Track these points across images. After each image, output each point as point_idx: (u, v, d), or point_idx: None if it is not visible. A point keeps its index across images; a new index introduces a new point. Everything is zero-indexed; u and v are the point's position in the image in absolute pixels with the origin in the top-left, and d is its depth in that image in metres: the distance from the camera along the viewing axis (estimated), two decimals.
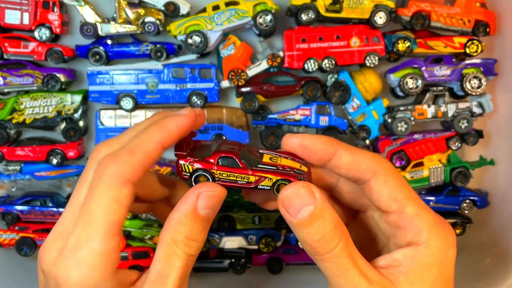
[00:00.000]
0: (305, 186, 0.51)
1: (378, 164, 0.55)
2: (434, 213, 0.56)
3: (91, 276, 0.48)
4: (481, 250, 1.11)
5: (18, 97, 1.05)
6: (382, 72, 1.11)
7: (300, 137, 0.56)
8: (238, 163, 0.54)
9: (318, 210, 0.50)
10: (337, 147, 0.55)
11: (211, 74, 1.07)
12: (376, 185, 0.54)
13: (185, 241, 0.52)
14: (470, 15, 1.06)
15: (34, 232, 1.08)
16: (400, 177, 0.56)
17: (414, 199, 0.55)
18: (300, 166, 0.55)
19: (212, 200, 0.52)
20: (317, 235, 0.50)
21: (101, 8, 1.07)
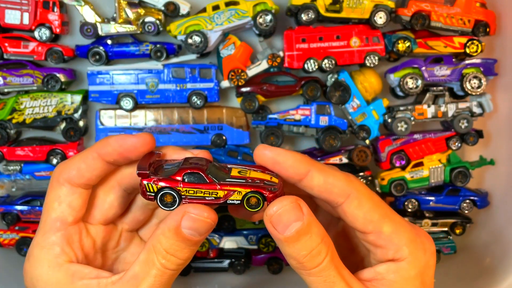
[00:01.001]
0: (293, 202, 0.51)
1: (351, 186, 0.54)
2: (410, 225, 0.56)
3: (36, 266, 0.55)
4: (481, 250, 1.11)
5: (18, 97, 1.05)
6: (382, 72, 1.11)
7: (273, 151, 0.54)
8: (205, 179, 0.52)
9: (306, 226, 0.50)
10: (310, 167, 0.54)
11: (211, 74, 1.07)
12: (350, 208, 0.54)
13: (163, 253, 0.52)
14: (470, 15, 1.06)
15: (34, 232, 1.08)
16: (374, 196, 0.55)
17: (389, 217, 0.55)
18: (270, 178, 0.53)
19: (196, 223, 0.51)
20: (305, 251, 0.50)
21: (101, 8, 1.07)
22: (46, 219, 0.57)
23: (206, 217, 0.51)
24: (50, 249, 0.56)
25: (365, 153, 1.09)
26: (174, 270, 0.53)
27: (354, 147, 1.10)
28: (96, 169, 0.57)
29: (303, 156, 0.55)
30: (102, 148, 0.56)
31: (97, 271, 0.56)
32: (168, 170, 0.54)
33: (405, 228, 0.55)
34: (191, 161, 0.54)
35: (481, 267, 1.06)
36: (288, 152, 0.55)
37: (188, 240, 0.52)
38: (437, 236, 1.13)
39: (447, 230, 1.13)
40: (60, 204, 0.57)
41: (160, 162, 0.56)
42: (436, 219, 1.13)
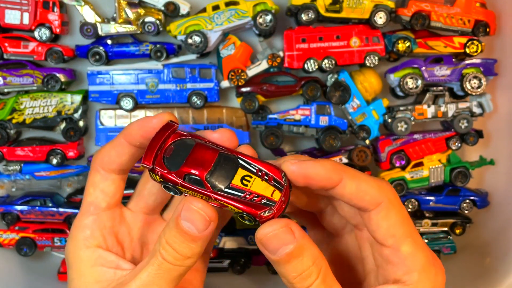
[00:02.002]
0: (284, 226, 0.49)
1: (383, 196, 0.52)
2: (429, 252, 0.55)
3: (69, 243, 0.58)
4: (481, 250, 1.11)
5: (18, 97, 1.05)
6: (382, 72, 1.11)
7: (301, 167, 0.52)
8: (203, 184, 0.50)
9: (297, 249, 0.49)
10: (342, 175, 0.52)
11: (211, 74, 1.07)
12: (376, 217, 0.53)
13: (164, 243, 0.52)
14: (470, 15, 1.06)
15: (34, 232, 1.08)
16: (403, 211, 0.54)
17: (412, 236, 0.53)
18: (271, 194, 0.51)
19: (193, 215, 0.50)
20: (295, 272, 0.50)
21: (101, 8, 1.07)
22: (84, 202, 0.59)
23: (205, 212, 0.51)
24: (81, 231, 0.58)
25: (365, 153, 1.09)
26: (172, 265, 0.52)
27: (354, 147, 1.10)
28: (125, 154, 0.57)
29: (333, 164, 0.53)
30: (127, 132, 0.57)
31: (119, 261, 0.57)
32: (176, 158, 0.52)
33: (423, 254, 0.53)
34: (205, 146, 0.53)
35: (481, 267, 1.06)
36: (317, 163, 0.52)
37: (185, 234, 0.51)
38: (437, 236, 1.13)
39: (447, 230, 1.13)
40: (95, 189, 0.58)
41: (178, 135, 0.54)
42: (436, 219, 1.13)
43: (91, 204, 0.58)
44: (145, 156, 0.52)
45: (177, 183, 0.51)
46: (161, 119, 0.55)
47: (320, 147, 1.09)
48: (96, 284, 0.56)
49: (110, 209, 0.59)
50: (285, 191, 0.52)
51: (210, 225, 0.51)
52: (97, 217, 0.58)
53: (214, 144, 0.54)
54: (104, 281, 0.56)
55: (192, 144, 0.53)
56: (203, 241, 0.52)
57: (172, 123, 0.54)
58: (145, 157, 0.52)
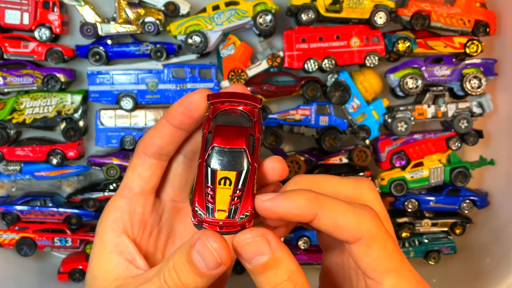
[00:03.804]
0: (259, 236, 0.48)
1: (363, 230, 0.49)
2: (417, 283, 0.52)
3: (98, 225, 0.58)
4: (481, 250, 1.11)
5: (18, 97, 1.05)
6: (382, 72, 1.11)
7: (272, 203, 0.49)
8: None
9: (271, 261, 0.48)
10: (317, 210, 0.49)
11: (211, 74, 1.07)
12: (357, 251, 0.50)
13: (170, 266, 0.50)
14: (470, 15, 1.06)
15: (34, 232, 1.08)
16: (387, 243, 0.50)
17: (397, 270, 0.50)
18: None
19: (206, 251, 0.48)
20: (268, 285, 0.48)
21: (101, 8, 1.07)
22: (121, 184, 0.58)
23: (218, 253, 0.48)
24: (111, 212, 0.57)
25: (365, 153, 1.09)
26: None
27: (354, 147, 1.10)
28: (165, 135, 0.56)
29: (307, 196, 0.50)
30: (167, 112, 0.56)
31: (135, 256, 0.56)
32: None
33: (410, 287, 0.51)
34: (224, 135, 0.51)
35: (481, 267, 1.06)
36: (289, 199, 0.49)
37: (193, 266, 0.49)
38: (437, 236, 1.13)
39: (447, 230, 1.13)
40: (133, 172, 0.57)
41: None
42: (436, 219, 1.13)
43: (126, 187, 0.58)
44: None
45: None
46: (200, 94, 0.53)
47: (320, 147, 1.09)
48: (107, 273, 0.56)
49: (143, 195, 0.58)
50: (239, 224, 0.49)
51: (220, 267, 0.49)
52: (129, 200, 0.57)
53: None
54: (115, 273, 0.55)
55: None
56: (210, 279, 0.50)
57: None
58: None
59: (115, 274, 0.55)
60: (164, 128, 0.56)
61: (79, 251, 1.09)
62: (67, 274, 1.06)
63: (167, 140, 0.56)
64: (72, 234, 1.09)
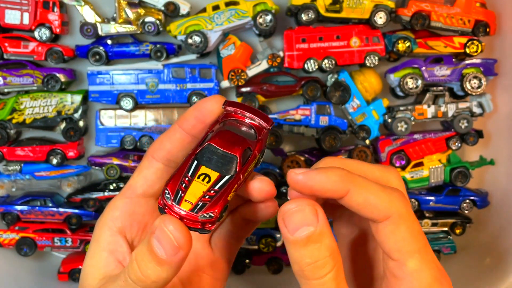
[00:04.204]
0: (310, 205, 0.48)
1: (393, 209, 0.50)
2: (438, 268, 0.53)
3: (97, 222, 0.58)
4: (481, 250, 1.11)
5: (18, 97, 1.05)
6: (382, 72, 1.11)
7: (306, 177, 0.50)
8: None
9: (318, 234, 0.47)
10: (349, 186, 0.50)
11: (211, 74, 1.07)
12: (384, 230, 0.50)
13: (132, 258, 0.49)
14: (470, 15, 1.06)
15: (34, 232, 1.08)
16: (414, 224, 0.51)
17: (420, 252, 0.51)
18: (183, 200, 0.49)
19: (164, 236, 0.47)
20: (309, 259, 0.48)
21: (101, 8, 1.07)
22: (125, 185, 0.59)
23: (175, 236, 0.47)
24: (111, 210, 0.58)
25: (365, 153, 1.09)
26: (135, 284, 0.49)
27: (354, 147, 1.10)
28: (175, 140, 0.56)
29: (340, 173, 0.50)
30: (181, 117, 0.56)
31: (126, 256, 0.56)
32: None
33: (431, 271, 0.51)
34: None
35: (481, 267, 1.06)
36: (322, 174, 0.50)
37: (153, 254, 0.48)
38: (437, 236, 1.13)
39: (447, 230, 1.13)
40: (139, 174, 0.58)
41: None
42: (436, 219, 1.13)
43: (129, 188, 0.58)
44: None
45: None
46: (216, 100, 0.54)
47: (320, 147, 1.09)
48: (96, 271, 0.55)
49: (145, 198, 0.58)
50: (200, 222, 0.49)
51: (179, 253, 0.47)
52: (130, 201, 0.57)
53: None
54: (103, 272, 0.54)
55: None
56: (172, 268, 0.48)
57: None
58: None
59: (103, 273, 0.54)
60: (175, 133, 0.56)
61: (79, 251, 1.09)
62: (67, 274, 1.06)
63: (177, 145, 0.56)
64: (72, 234, 1.09)
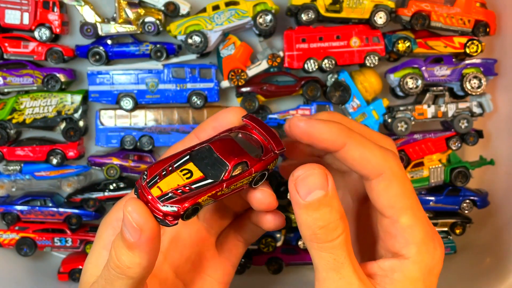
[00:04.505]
0: (321, 169, 0.49)
1: (386, 166, 0.52)
2: (429, 225, 0.54)
3: (102, 220, 0.61)
4: (481, 250, 1.11)
5: (18, 97, 1.05)
6: (382, 72, 1.11)
7: (307, 124, 0.52)
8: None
9: (329, 197, 0.48)
10: (346, 140, 0.52)
11: (211, 74, 1.07)
12: (377, 187, 0.52)
13: (111, 245, 0.50)
14: (470, 15, 1.06)
15: (34, 232, 1.08)
16: (406, 183, 0.53)
17: (412, 209, 0.53)
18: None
19: (126, 218, 0.48)
20: (322, 222, 0.48)
21: (101, 8, 1.07)
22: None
23: (132, 217, 0.47)
24: (117, 211, 0.59)
25: None
26: (114, 272, 0.50)
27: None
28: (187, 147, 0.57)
29: (339, 126, 0.52)
30: (199, 126, 0.57)
31: None
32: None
33: (423, 227, 0.53)
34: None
35: (481, 267, 1.06)
36: (323, 124, 0.52)
37: (124, 238, 0.48)
38: None
39: (447, 230, 1.13)
40: None
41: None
42: (436, 219, 1.13)
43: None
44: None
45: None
46: (235, 112, 0.55)
47: None
48: (94, 268, 0.56)
49: None
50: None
51: (142, 235, 0.47)
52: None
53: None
54: (100, 269, 0.54)
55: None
56: (141, 252, 0.48)
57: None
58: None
59: (100, 271, 0.55)
60: (191, 141, 0.57)
61: (79, 251, 1.09)
62: (67, 274, 1.06)
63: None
64: (72, 234, 1.09)
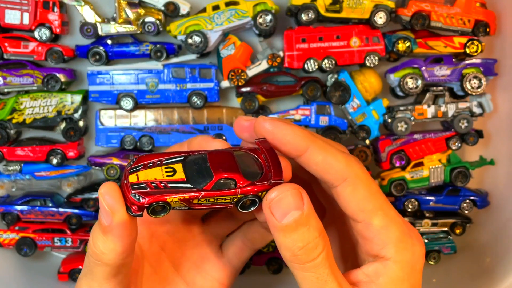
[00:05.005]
0: (294, 189, 0.49)
1: (349, 170, 0.52)
2: (403, 223, 0.54)
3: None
4: (481, 250, 1.11)
5: (18, 97, 1.05)
6: (382, 72, 1.11)
7: (272, 124, 0.52)
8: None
9: (305, 216, 0.48)
10: (309, 144, 0.51)
11: (211, 74, 1.07)
12: (343, 193, 0.52)
13: (90, 233, 0.51)
14: (470, 15, 1.06)
15: (34, 232, 1.08)
16: (372, 185, 0.53)
17: (383, 209, 0.52)
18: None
19: (101, 204, 0.49)
20: (301, 243, 0.48)
21: (101, 8, 1.07)
22: None
23: (104, 200, 0.48)
24: None
25: (365, 153, 1.09)
26: (93, 259, 0.50)
27: (354, 147, 1.10)
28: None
29: (304, 131, 0.52)
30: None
31: None
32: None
33: (397, 226, 0.53)
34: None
35: (481, 267, 1.06)
36: (287, 126, 0.52)
37: (99, 222, 0.49)
38: (437, 236, 1.13)
39: (447, 230, 1.13)
40: None
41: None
42: (436, 219, 1.13)
43: None
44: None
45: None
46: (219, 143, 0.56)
47: None
48: None
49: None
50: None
51: (113, 217, 0.48)
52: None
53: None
54: None
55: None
56: (114, 236, 0.49)
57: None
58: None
59: None
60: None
61: (79, 251, 1.09)
62: (67, 274, 1.06)
63: None
64: (72, 234, 1.09)
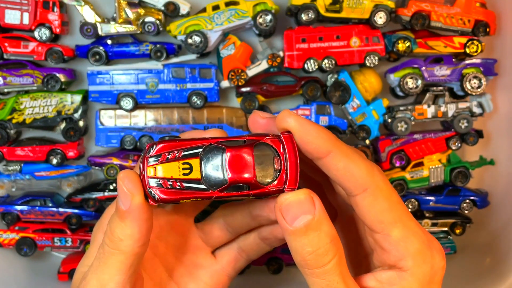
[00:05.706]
0: (306, 194, 0.48)
1: (371, 180, 0.50)
2: (423, 234, 0.52)
3: (97, 223, 0.65)
4: (481, 250, 1.11)
5: (18, 97, 1.05)
6: (382, 72, 1.11)
7: (297, 121, 0.50)
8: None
9: (316, 221, 0.47)
10: (332, 148, 0.50)
11: (211, 74, 1.07)
12: (363, 203, 0.50)
13: (108, 224, 0.52)
14: (470, 15, 1.06)
15: (34, 232, 1.08)
16: (392, 196, 0.51)
17: (402, 221, 0.51)
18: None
19: (118, 187, 0.49)
20: (311, 247, 0.47)
21: (101, 8, 1.07)
22: None
23: (123, 183, 0.49)
24: (107, 216, 0.59)
25: (365, 153, 1.09)
26: (110, 249, 0.51)
27: (354, 147, 1.10)
28: None
29: (328, 133, 0.50)
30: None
31: None
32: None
33: (417, 237, 0.51)
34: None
35: (481, 267, 1.06)
36: (312, 126, 0.50)
37: (118, 210, 0.50)
38: (437, 236, 1.13)
39: (447, 230, 1.13)
40: None
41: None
42: (436, 219, 1.13)
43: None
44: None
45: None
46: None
47: None
48: (86, 268, 0.57)
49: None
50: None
51: (132, 200, 0.48)
52: None
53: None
54: None
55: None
56: (132, 221, 0.49)
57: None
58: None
59: None
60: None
61: (79, 251, 1.09)
62: (67, 274, 1.06)
63: None
64: (72, 234, 1.09)
